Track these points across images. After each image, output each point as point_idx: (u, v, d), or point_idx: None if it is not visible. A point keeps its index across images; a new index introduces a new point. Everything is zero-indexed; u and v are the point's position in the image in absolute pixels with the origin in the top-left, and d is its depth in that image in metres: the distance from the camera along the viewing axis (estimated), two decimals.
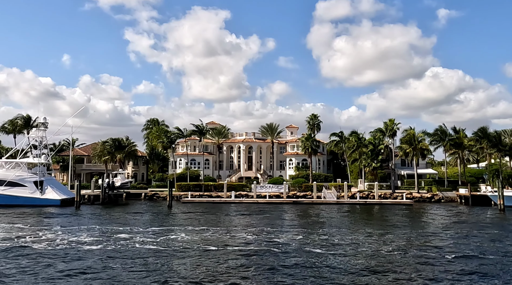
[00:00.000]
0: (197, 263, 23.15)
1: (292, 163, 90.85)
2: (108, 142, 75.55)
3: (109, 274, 20.88)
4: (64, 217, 44.80)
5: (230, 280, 19.69)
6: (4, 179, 57.06)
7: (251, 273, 21.07)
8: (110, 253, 25.51)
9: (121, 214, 48.00)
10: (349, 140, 72.33)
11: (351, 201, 60.03)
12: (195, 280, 19.81)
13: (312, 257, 24.59)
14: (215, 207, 56.89)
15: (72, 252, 25.83)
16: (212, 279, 19.86)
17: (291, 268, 21.89)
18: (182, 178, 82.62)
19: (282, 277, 20.22)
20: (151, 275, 20.66)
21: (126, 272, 21.25)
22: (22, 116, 74.22)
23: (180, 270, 21.74)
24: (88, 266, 22.28)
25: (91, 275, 20.60)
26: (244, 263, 23.11)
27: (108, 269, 21.83)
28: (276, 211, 51.16)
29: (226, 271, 21.32)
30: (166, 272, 21.20)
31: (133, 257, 24.60)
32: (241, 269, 21.75)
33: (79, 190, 55.41)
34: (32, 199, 56.46)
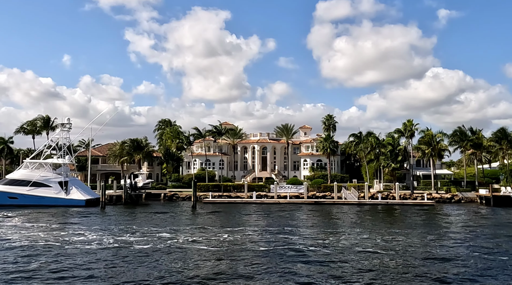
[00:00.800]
0: (259, 262, 23.54)
1: (306, 164, 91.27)
2: (127, 142, 75.88)
3: (184, 273, 21.27)
4: (94, 217, 45.17)
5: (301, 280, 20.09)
6: (30, 180, 57.47)
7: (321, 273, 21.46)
8: (170, 253, 25.90)
9: (150, 215, 48.36)
10: (366, 141, 72.57)
11: (372, 202, 60.33)
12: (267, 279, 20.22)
13: (365, 257, 24.98)
14: (237, 208, 57.22)
15: (127, 252, 26.21)
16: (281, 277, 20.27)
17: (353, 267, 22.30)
18: (198, 179, 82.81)
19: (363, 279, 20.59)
20: (223, 274, 21.06)
21: (194, 271, 21.64)
22: (41, 116, 74.70)
23: (258, 271, 22.11)
24: (158, 265, 22.67)
25: (171, 274, 21.00)
26: (305, 262, 23.51)
27: (178, 267, 22.22)
28: (303, 212, 51.51)
29: (294, 271, 21.72)
30: (241, 272, 21.58)
31: (192, 256, 24.97)
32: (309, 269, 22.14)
33: (104, 191, 55.81)
34: (57, 199, 56.85)
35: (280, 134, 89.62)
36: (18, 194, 56.80)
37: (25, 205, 55.76)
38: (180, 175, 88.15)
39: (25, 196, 56.72)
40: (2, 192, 56.86)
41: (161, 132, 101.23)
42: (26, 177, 57.69)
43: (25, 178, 57.58)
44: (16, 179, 57.89)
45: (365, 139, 71.62)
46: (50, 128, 72.55)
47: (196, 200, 57.44)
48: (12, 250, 27.06)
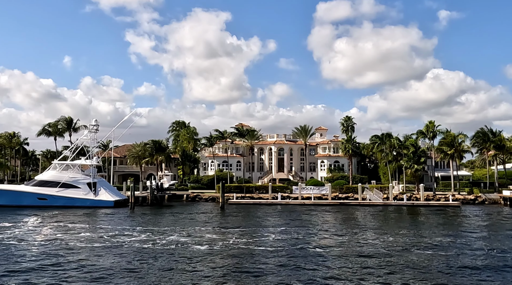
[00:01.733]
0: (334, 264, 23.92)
1: (324, 165, 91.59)
2: (149, 144, 76.32)
3: (253, 272, 21.65)
4: (129, 218, 45.58)
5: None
6: (59, 181, 57.91)
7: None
8: (230, 253, 26.29)
9: (182, 215, 48.78)
10: (387, 142, 72.88)
11: (397, 203, 60.66)
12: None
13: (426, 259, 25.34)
14: (264, 208, 57.61)
15: (184, 252, 26.59)
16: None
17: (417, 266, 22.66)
18: (217, 180, 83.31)
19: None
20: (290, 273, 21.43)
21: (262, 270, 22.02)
22: (64, 118, 75.24)
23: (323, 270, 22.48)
24: (225, 265, 23.06)
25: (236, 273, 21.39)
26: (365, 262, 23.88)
27: (246, 267, 22.60)
28: (333, 213, 51.87)
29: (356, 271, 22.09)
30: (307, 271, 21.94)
31: (259, 258, 25.35)
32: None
33: (133, 192, 56.24)
34: (86, 200, 57.28)
35: (298, 135, 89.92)
36: (48, 195, 57.23)
37: (54, 206, 56.17)
38: (199, 176, 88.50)
39: (54, 197, 57.15)
40: (32, 193, 57.33)
41: (176, 133, 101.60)
42: (55, 178, 58.13)
43: (54, 179, 58.02)
44: (45, 180, 58.34)
45: (386, 140, 71.88)
46: (73, 130, 72.97)
47: (224, 201, 57.63)
48: (57, 250, 27.41)
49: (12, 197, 57.37)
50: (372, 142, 73.28)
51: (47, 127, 76.27)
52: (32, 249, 27.67)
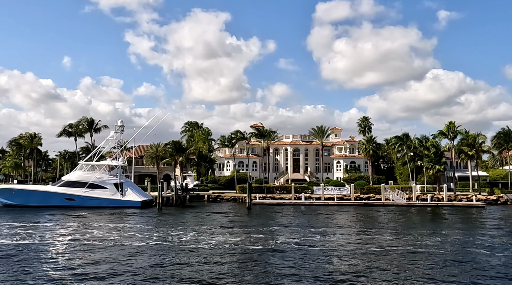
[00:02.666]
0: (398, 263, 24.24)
1: (340, 165, 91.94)
2: (170, 144, 76.64)
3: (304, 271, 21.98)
4: (163, 218, 45.89)
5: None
6: (86, 181, 58.24)
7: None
8: (285, 252, 26.62)
9: (211, 215, 49.37)
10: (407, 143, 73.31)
11: (422, 203, 61.00)
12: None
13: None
14: (289, 208, 58.01)
15: (241, 251, 26.94)
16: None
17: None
18: (233, 181, 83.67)
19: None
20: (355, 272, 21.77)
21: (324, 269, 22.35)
22: (86, 118, 75.54)
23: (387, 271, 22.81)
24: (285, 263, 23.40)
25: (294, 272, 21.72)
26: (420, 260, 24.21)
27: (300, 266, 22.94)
28: (362, 212, 52.20)
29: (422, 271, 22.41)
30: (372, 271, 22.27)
31: (316, 258, 25.68)
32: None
33: (161, 192, 56.56)
34: (113, 200, 57.58)
35: (314, 135, 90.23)
36: (75, 195, 57.57)
37: (82, 206, 56.51)
38: (215, 177, 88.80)
39: (82, 197, 57.49)
40: (59, 193, 57.66)
41: (189, 134, 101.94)
42: (83, 179, 58.45)
43: (82, 180, 58.35)
44: (72, 181, 58.66)
45: (407, 141, 72.25)
46: (94, 130, 73.28)
47: (250, 201, 57.92)
48: (97, 249, 27.74)
49: (40, 198, 57.71)
50: (393, 143, 73.53)
51: (68, 128, 76.53)
52: (82, 249, 27.99)
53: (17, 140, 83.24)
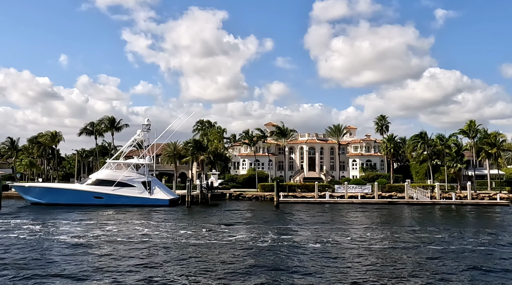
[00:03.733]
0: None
1: (356, 164, 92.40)
2: (191, 143, 76.96)
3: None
4: (198, 215, 46.25)
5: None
6: (114, 180, 58.51)
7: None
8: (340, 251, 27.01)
9: (246, 213, 49.63)
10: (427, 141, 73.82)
11: (446, 202, 61.43)
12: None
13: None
14: (316, 207, 58.35)
15: (296, 249, 27.34)
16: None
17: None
18: (252, 179, 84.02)
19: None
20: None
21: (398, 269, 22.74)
22: (107, 117, 75.83)
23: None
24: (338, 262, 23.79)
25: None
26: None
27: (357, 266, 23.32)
28: (389, 211, 52.61)
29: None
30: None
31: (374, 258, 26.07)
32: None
33: (190, 190, 56.89)
34: (142, 199, 57.88)
35: (331, 134, 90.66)
36: (104, 193, 57.84)
37: (110, 204, 56.81)
38: (231, 175, 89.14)
39: (110, 195, 57.76)
40: (88, 191, 57.94)
41: (203, 132, 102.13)
42: (111, 177, 58.72)
43: (110, 178, 58.61)
44: (100, 179, 58.91)
45: (428, 140, 72.77)
46: (115, 129, 73.55)
47: (278, 199, 58.25)
48: (159, 247, 28.07)
49: (68, 196, 57.99)
50: (414, 141, 74.02)
51: (89, 126, 76.84)
52: (125, 247, 28.31)
53: (37, 139, 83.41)
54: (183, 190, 65.55)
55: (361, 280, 20.26)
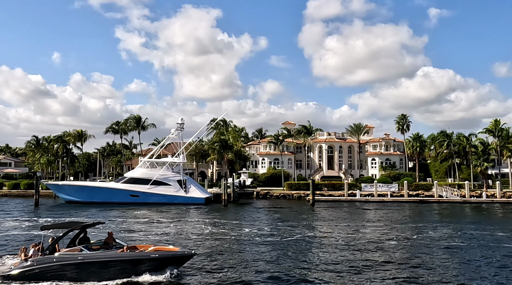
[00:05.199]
0: None
1: (375, 163, 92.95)
2: (217, 142, 77.15)
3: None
4: (241, 213, 46.54)
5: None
6: (150, 178, 58.65)
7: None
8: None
9: (286, 211, 50.17)
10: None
11: (477, 200, 62.08)
12: None
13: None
14: (349, 205, 58.85)
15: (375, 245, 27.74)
16: None
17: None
18: (274, 177, 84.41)
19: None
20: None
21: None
22: (134, 116, 75.90)
23: None
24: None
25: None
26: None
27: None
28: (428, 209, 53.19)
29: None
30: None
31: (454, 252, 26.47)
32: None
33: (226, 189, 57.11)
34: (178, 197, 58.07)
35: (351, 133, 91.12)
36: (140, 192, 57.99)
37: (146, 203, 56.96)
38: (256, 174, 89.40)
39: (146, 194, 57.92)
40: (124, 190, 58.06)
41: (218, 131, 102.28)
42: (147, 176, 58.86)
43: (146, 177, 58.76)
44: (136, 178, 59.06)
45: (455, 139, 73.51)
46: (141, 128, 73.62)
47: (314, 198, 58.53)
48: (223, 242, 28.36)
49: (104, 194, 58.08)
50: (440, 140, 74.67)
51: (114, 125, 76.84)
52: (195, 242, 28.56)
53: (63, 138, 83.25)
54: (211, 189, 65.88)
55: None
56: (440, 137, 74.85)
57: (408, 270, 21.79)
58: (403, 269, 21.98)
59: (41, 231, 19.95)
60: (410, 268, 22.17)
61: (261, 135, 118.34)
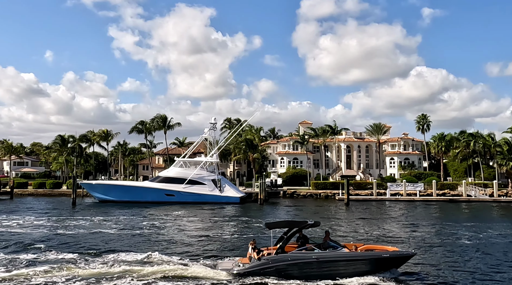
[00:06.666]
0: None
1: (394, 162, 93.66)
2: (243, 141, 77.47)
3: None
4: (284, 211, 46.96)
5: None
6: (185, 177, 58.90)
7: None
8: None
9: (318, 208, 50.71)
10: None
11: (507, 199, 62.84)
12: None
13: None
14: (383, 205, 59.37)
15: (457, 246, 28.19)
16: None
17: None
18: (295, 177, 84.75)
19: None
20: None
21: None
22: (160, 116, 76.03)
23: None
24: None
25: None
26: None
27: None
28: (460, 208, 53.83)
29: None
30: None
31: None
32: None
33: (262, 188, 57.46)
34: (213, 196, 58.36)
35: (371, 133, 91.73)
36: (175, 191, 58.24)
37: (181, 202, 57.21)
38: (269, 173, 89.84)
39: (181, 193, 58.16)
40: (160, 189, 58.27)
41: (233, 130, 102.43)
42: (182, 175, 59.09)
43: (181, 176, 59.00)
44: (171, 177, 59.30)
45: (478, 137, 74.29)
46: (168, 127, 73.83)
47: (349, 197, 58.92)
48: None
49: (139, 193, 58.31)
50: (466, 139, 75.44)
51: (139, 125, 76.99)
52: None
53: (88, 137, 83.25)
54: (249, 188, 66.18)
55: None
56: (466, 136, 75.49)
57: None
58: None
59: (269, 229, 20.38)
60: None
61: (273, 134, 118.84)
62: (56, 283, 18.67)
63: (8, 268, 20.95)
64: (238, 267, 19.25)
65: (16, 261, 22.35)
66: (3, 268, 20.95)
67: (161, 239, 29.98)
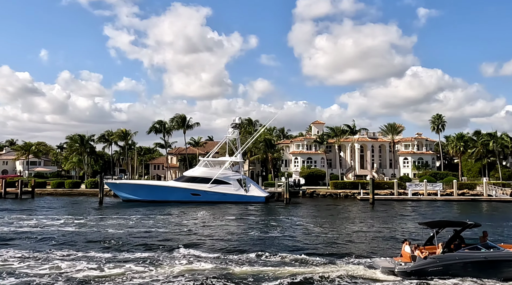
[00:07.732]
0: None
1: (407, 162, 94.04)
2: (261, 141, 77.66)
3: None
4: (313, 211, 47.08)
5: None
6: (210, 177, 58.97)
7: None
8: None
9: (340, 208, 51.02)
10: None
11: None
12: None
13: None
14: (401, 204, 59.64)
15: None
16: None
17: None
18: (311, 176, 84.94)
19: None
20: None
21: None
22: (179, 115, 76.12)
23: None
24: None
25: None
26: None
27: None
28: (485, 208, 54.17)
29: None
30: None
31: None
32: None
33: (287, 187, 57.63)
34: (238, 196, 58.44)
35: (386, 132, 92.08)
36: (201, 191, 58.31)
37: (207, 201, 57.27)
38: (289, 172, 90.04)
39: (207, 192, 58.23)
40: (186, 189, 58.32)
41: (244, 130, 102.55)
42: (207, 175, 59.15)
43: (206, 176, 59.06)
44: (197, 177, 59.35)
45: (496, 137, 74.83)
46: (187, 127, 73.89)
47: (374, 197, 59.11)
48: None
49: (164, 193, 58.36)
50: (484, 140, 75.95)
51: (156, 124, 77.04)
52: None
53: (106, 137, 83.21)
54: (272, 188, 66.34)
55: None
56: (484, 136, 75.99)
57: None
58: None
59: (430, 228, 20.49)
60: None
61: (283, 134, 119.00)
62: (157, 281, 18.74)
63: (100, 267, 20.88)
64: (400, 266, 19.19)
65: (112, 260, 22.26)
66: (98, 268, 20.81)
67: (288, 239, 29.71)
